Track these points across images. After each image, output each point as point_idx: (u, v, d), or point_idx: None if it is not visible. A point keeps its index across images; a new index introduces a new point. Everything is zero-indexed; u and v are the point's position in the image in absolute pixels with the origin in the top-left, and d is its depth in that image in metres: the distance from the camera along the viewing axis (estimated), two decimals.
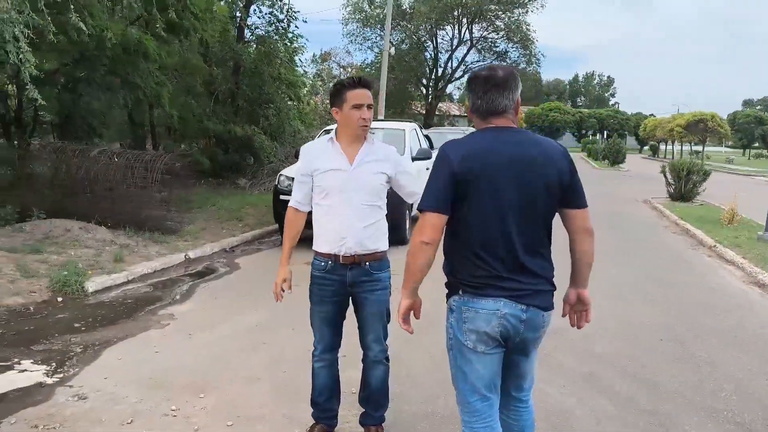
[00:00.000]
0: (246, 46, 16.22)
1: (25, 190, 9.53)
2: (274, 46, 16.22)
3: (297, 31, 17.01)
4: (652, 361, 4.76)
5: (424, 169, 8.90)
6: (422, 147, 10.39)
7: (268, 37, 16.55)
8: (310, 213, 3.14)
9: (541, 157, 2.35)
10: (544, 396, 4.00)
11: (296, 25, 16.81)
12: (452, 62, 38.30)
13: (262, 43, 16.41)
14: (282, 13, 16.49)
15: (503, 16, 39.08)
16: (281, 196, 8.74)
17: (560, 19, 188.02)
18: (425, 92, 41.40)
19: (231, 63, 15.97)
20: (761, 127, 71.40)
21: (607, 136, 54.48)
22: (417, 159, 9.58)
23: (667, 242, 10.40)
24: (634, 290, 6.98)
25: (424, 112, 38.92)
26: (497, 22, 39.70)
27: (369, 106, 2.97)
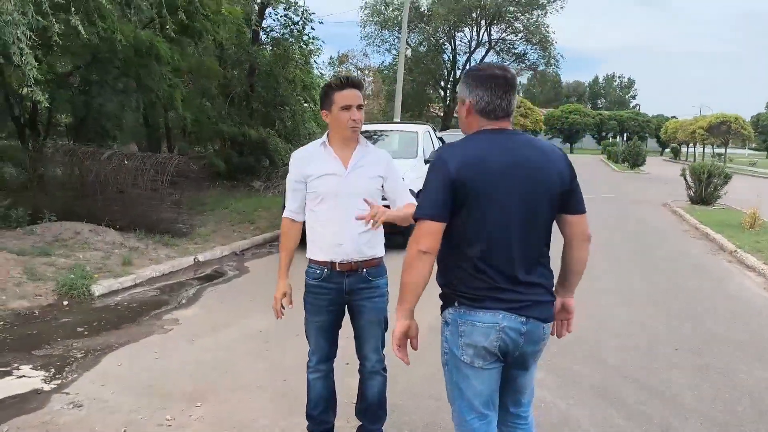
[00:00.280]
0: (261, 49, 16.23)
1: (37, 192, 9.57)
2: (289, 49, 16.21)
3: (312, 33, 17.05)
4: (666, 372, 4.57)
5: None
6: (435, 149, 10.29)
7: (284, 39, 16.56)
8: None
9: (543, 161, 2.24)
10: (552, 408, 3.87)
11: (312, 27, 16.83)
12: (470, 64, 38.25)
13: (277, 46, 16.43)
14: (297, 15, 16.51)
15: (522, 17, 39.05)
16: None
17: (580, 21, 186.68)
18: (443, 94, 41.37)
19: (246, 65, 15.99)
20: None
21: (628, 138, 53.81)
22: (429, 162, 9.46)
23: (685, 247, 10.12)
24: (649, 297, 6.76)
25: (442, 114, 38.85)
26: (516, 24, 39.69)
27: (359, 107, 2.85)
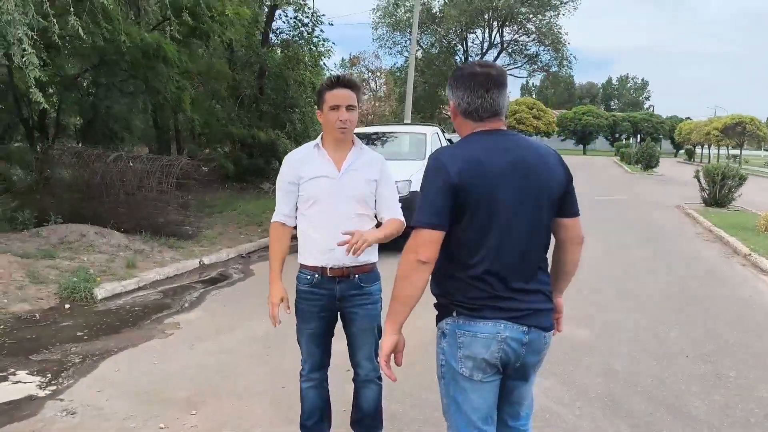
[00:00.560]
0: (271, 51, 16.19)
1: (44, 194, 9.56)
2: (299, 51, 16.16)
3: (323, 35, 16.98)
4: (677, 382, 4.42)
5: None
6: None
7: (293, 41, 16.52)
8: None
9: (540, 163, 2.15)
10: (556, 418, 3.74)
11: (321, 29, 16.77)
12: None
13: (287, 48, 16.38)
14: (307, 17, 16.45)
15: (534, 18, 38.88)
16: None
17: (593, 21, 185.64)
18: None
19: (256, 67, 15.97)
20: None
21: (641, 139, 53.30)
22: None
23: (698, 250, 9.91)
24: (660, 302, 6.58)
25: None
26: (528, 25, 39.54)
27: (349, 107, 2.74)
